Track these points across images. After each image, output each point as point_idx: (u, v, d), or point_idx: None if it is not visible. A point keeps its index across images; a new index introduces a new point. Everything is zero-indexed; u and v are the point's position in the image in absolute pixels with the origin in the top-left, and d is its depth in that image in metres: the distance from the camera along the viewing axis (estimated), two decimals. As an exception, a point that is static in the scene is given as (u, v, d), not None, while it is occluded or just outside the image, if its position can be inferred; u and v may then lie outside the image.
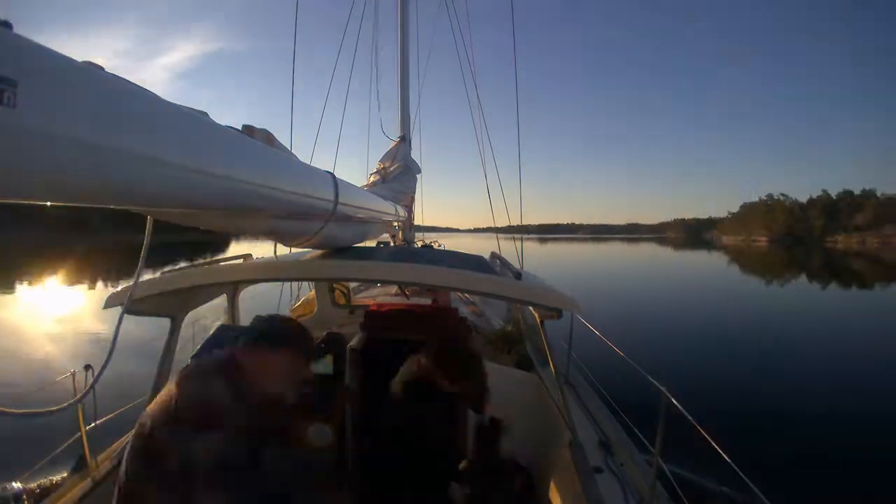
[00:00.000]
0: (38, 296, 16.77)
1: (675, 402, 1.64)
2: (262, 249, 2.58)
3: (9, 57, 0.50)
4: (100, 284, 19.69)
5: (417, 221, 6.76)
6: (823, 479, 4.69)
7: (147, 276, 1.97)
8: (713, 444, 1.57)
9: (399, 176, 4.84)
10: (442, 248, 6.22)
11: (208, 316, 2.80)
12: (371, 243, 3.66)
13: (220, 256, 2.41)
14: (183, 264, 2.21)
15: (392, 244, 5.16)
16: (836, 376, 8.33)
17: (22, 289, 18.01)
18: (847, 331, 12.70)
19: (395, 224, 5.54)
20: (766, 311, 15.72)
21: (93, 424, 1.86)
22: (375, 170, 5.03)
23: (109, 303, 1.88)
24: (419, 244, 6.76)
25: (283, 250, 2.28)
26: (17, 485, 1.59)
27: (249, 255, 2.52)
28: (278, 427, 1.24)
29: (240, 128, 1.23)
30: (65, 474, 1.81)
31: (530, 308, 2.11)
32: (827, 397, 7.19)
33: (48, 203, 0.66)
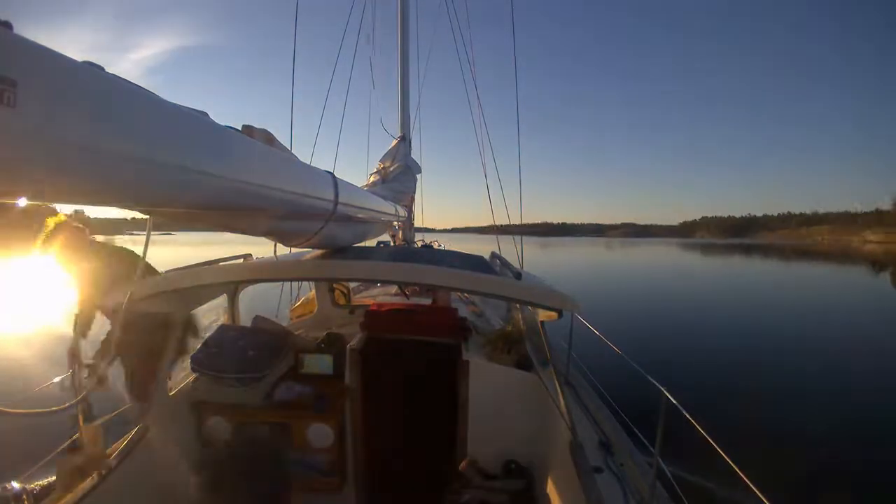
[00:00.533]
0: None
1: (675, 402, 1.63)
2: (262, 249, 2.57)
3: (8, 57, 0.50)
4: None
5: (417, 222, 6.76)
6: (824, 478, 4.69)
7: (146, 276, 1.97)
8: (713, 444, 1.57)
9: (399, 176, 4.84)
10: (442, 248, 6.22)
11: (208, 316, 2.80)
12: (371, 243, 3.65)
13: (220, 256, 2.41)
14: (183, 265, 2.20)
15: (392, 244, 5.16)
16: (837, 377, 8.33)
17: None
18: (849, 332, 12.69)
19: (395, 224, 5.54)
20: (767, 312, 15.71)
21: (92, 425, 1.85)
22: (375, 170, 5.03)
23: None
24: (419, 244, 6.76)
25: (283, 250, 2.28)
26: (17, 485, 1.58)
27: (249, 255, 2.52)
28: None
29: (239, 128, 1.23)
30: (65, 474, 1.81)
31: (530, 308, 2.11)
32: (828, 398, 7.19)
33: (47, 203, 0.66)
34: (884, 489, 4.57)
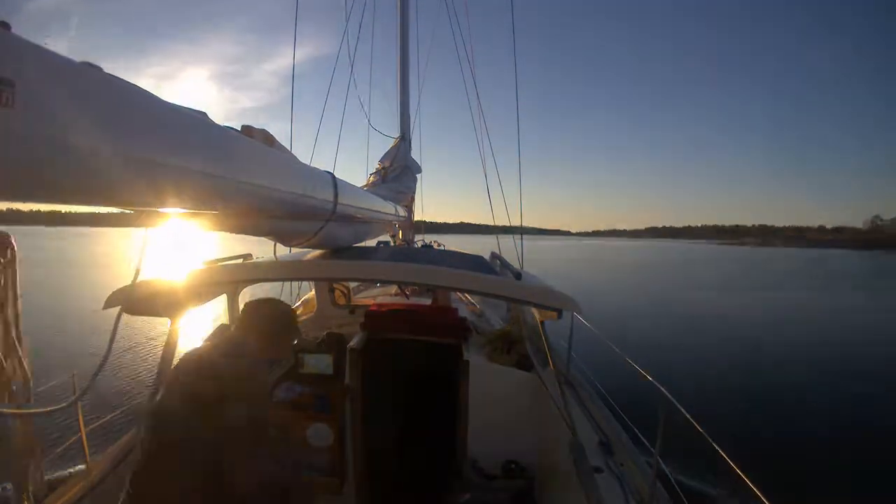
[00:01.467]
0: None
1: (675, 402, 1.63)
2: (261, 249, 2.57)
3: (6, 57, 0.50)
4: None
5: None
6: (824, 479, 4.69)
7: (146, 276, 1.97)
8: (713, 444, 1.57)
9: (399, 176, 4.84)
10: (442, 248, 6.22)
11: (208, 316, 2.80)
12: (371, 243, 3.66)
13: (220, 256, 2.40)
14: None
15: (392, 244, 5.17)
16: (837, 378, 8.33)
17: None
18: (847, 333, 12.69)
19: (395, 224, 5.53)
20: (768, 313, 15.72)
21: (93, 425, 1.85)
22: (375, 170, 5.03)
23: (109, 303, 1.87)
24: (419, 244, 6.76)
25: (283, 250, 2.27)
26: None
27: (249, 255, 2.52)
28: None
29: (239, 128, 1.23)
30: (65, 474, 1.81)
31: (530, 308, 2.11)
32: (828, 399, 7.19)
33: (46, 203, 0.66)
34: (884, 489, 4.57)
